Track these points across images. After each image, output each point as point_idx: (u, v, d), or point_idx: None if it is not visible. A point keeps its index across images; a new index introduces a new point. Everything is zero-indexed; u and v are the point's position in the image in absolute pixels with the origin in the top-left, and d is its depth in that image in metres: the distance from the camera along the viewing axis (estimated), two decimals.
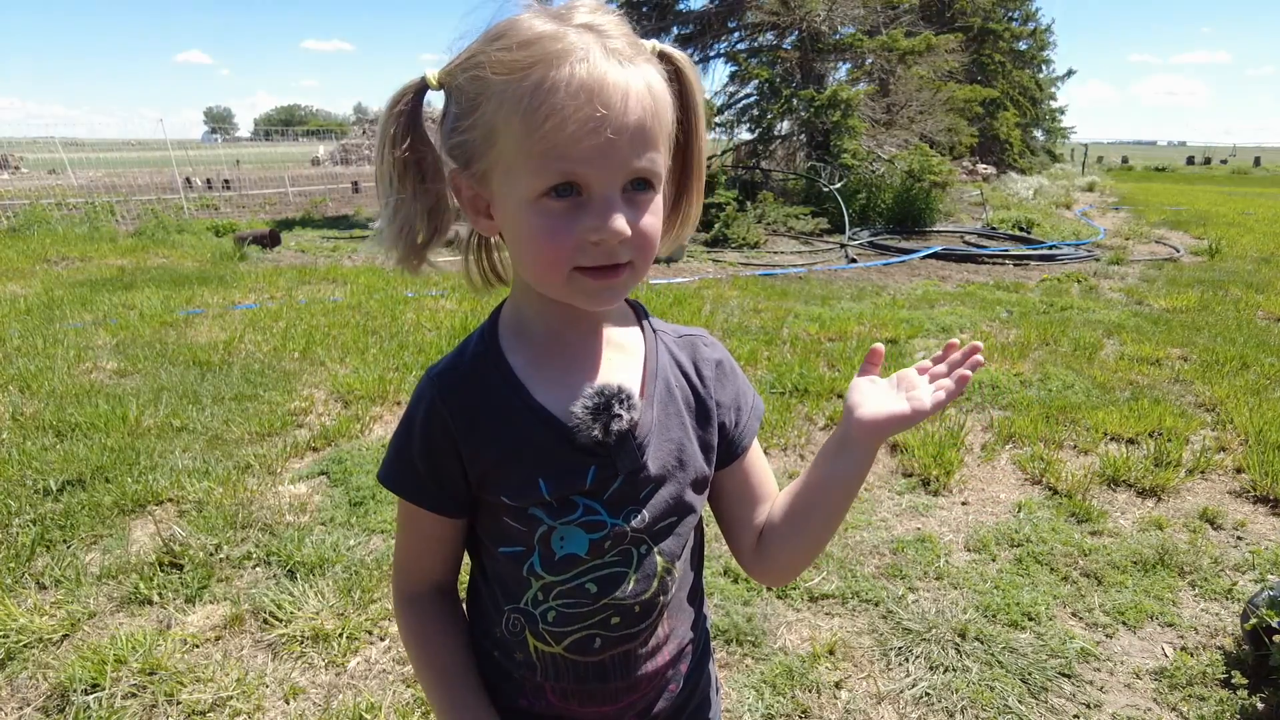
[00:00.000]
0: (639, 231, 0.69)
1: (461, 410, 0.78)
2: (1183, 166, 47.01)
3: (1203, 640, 2.31)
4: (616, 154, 0.66)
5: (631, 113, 0.66)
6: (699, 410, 0.85)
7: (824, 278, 8.17)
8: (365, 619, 2.33)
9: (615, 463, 0.77)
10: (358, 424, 3.81)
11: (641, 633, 0.83)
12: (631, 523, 0.79)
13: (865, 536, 2.87)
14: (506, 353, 0.80)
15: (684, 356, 0.87)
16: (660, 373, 0.83)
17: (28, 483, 3.11)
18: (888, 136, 13.94)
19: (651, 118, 0.68)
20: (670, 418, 0.82)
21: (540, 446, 0.76)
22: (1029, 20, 25.52)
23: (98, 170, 18.57)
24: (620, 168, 0.67)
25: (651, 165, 0.69)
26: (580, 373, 0.79)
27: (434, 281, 7.43)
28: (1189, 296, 7.04)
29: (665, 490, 0.81)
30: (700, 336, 0.90)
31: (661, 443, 0.81)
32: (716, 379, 0.87)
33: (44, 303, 6.26)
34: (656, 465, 0.80)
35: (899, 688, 2.10)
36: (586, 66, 0.65)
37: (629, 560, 0.80)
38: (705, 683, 0.96)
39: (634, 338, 0.85)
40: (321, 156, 33.29)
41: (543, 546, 0.78)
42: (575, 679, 0.83)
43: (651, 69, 0.69)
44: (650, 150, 0.68)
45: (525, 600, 0.80)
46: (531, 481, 0.76)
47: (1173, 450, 3.52)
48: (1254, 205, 17.33)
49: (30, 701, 2.01)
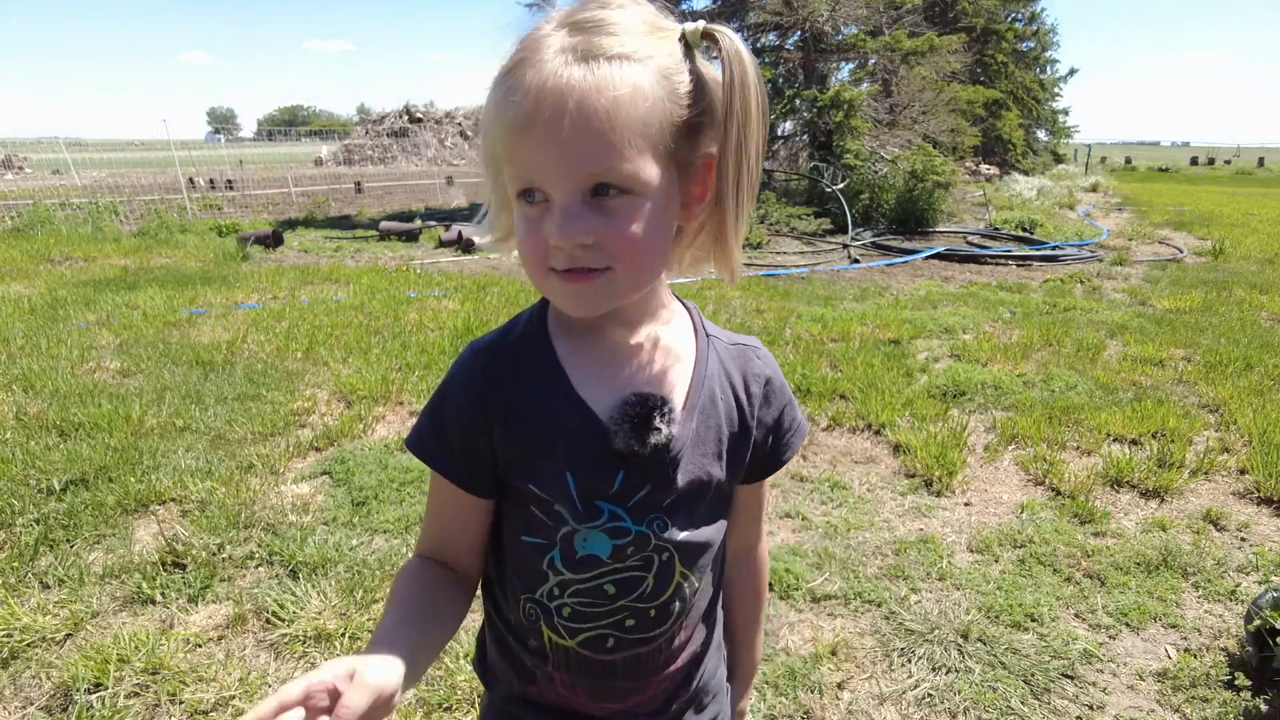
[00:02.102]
0: (615, 238, 0.66)
1: (500, 388, 0.76)
2: (1186, 167, 46.89)
3: (1206, 642, 2.30)
4: (565, 162, 0.64)
5: (576, 118, 0.62)
6: (740, 428, 0.83)
7: (827, 278, 8.17)
8: (368, 619, 2.33)
9: (646, 473, 0.76)
10: (360, 424, 3.81)
11: (656, 638, 0.82)
12: (655, 530, 0.78)
13: (868, 537, 2.87)
14: (553, 338, 0.78)
15: (734, 368, 0.84)
16: (707, 383, 0.81)
17: (31, 482, 3.11)
18: (890, 137, 13.92)
19: (607, 121, 0.63)
20: (708, 431, 0.80)
21: (573, 439, 0.75)
22: (1033, 20, 25.48)
23: (101, 170, 18.63)
24: (570, 176, 0.65)
25: (612, 172, 0.65)
26: (622, 370, 0.77)
27: (436, 282, 7.44)
28: (1192, 297, 7.02)
29: (691, 502, 0.80)
30: (754, 348, 0.87)
31: (694, 456, 0.79)
32: (764, 397, 0.85)
33: (48, 302, 6.27)
34: (685, 478, 0.78)
35: (901, 688, 2.10)
36: (540, 69, 0.63)
37: (649, 566, 0.79)
38: (719, 689, 0.95)
39: (686, 342, 0.82)
40: (324, 157, 33.35)
41: (564, 544, 0.77)
42: (585, 674, 0.82)
43: (637, 67, 0.64)
44: (610, 158, 0.64)
45: (542, 593, 0.79)
46: (560, 475, 0.75)
47: (1176, 451, 3.51)
48: (1258, 206, 17.29)
49: (33, 700, 2.01)
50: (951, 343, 5.46)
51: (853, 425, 3.93)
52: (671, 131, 0.67)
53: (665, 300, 0.82)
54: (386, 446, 3.56)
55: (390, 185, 21.14)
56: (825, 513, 3.07)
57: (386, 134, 33.82)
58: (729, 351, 0.85)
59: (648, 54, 0.65)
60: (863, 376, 4.55)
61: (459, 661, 2.13)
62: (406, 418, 3.98)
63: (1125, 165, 45.28)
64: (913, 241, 10.83)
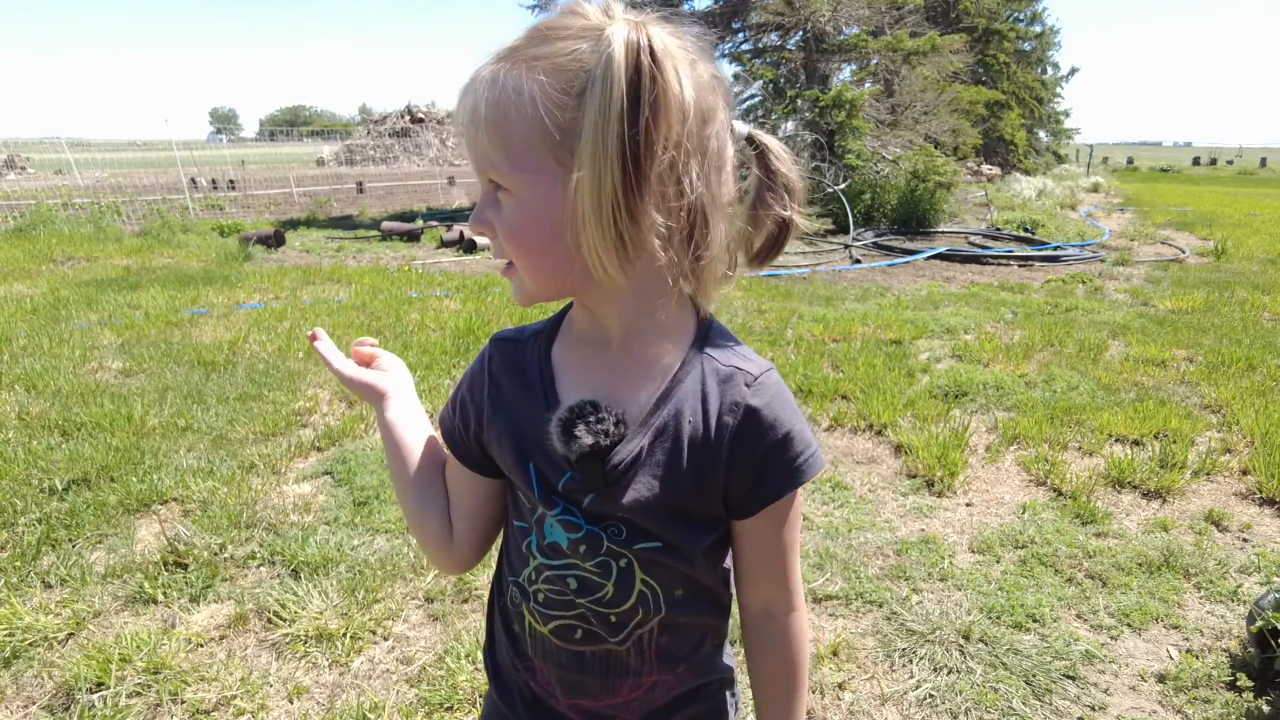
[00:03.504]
0: (501, 233, 0.71)
1: (498, 371, 0.83)
2: (1188, 167, 46.84)
3: (1208, 643, 2.30)
4: (471, 155, 0.70)
5: (470, 113, 0.68)
6: (706, 454, 0.76)
7: (828, 278, 8.17)
8: (369, 619, 2.33)
9: (587, 480, 0.76)
10: (362, 424, 3.81)
11: (622, 640, 0.81)
12: (610, 535, 0.77)
13: (869, 538, 2.87)
14: (558, 338, 0.83)
15: (715, 392, 0.77)
16: (676, 402, 0.77)
17: (33, 482, 3.12)
18: (892, 137, 13.91)
19: (496, 118, 0.66)
20: (667, 453, 0.76)
21: (540, 431, 0.77)
22: (1035, 21, 25.47)
23: (103, 170, 18.63)
24: (477, 170, 0.71)
25: (493, 169, 0.69)
26: (595, 377, 0.79)
27: (438, 282, 7.44)
28: (1195, 298, 7.01)
29: (646, 518, 0.77)
30: (746, 374, 0.77)
31: (645, 475, 0.76)
32: (737, 429, 0.76)
33: (50, 302, 6.28)
34: (634, 495, 0.76)
35: (903, 689, 2.10)
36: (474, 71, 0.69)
37: (608, 572, 0.79)
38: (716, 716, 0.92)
39: (671, 357, 0.78)
40: (326, 157, 33.37)
41: (538, 528, 0.81)
42: (558, 664, 0.84)
43: (525, 71, 0.65)
44: (491, 152, 0.68)
45: (523, 576, 0.84)
46: (524, 463, 0.79)
47: (1178, 452, 3.51)
48: (1260, 206, 17.27)
49: (35, 700, 2.02)
50: (953, 343, 5.45)
51: (854, 425, 3.93)
52: (546, 134, 0.66)
53: (665, 318, 0.77)
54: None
55: (392, 185, 21.16)
56: (827, 513, 3.06)
57: (388, 134, 33.84)
58: (720, 373, 0.77)
59: (565, 55, 0.64)
60: (864, 377, 4.55)
61: (460, 661, 2.13)
62: None
63: (1127, 165, 45.26)
64: (914, 242, 10.82)
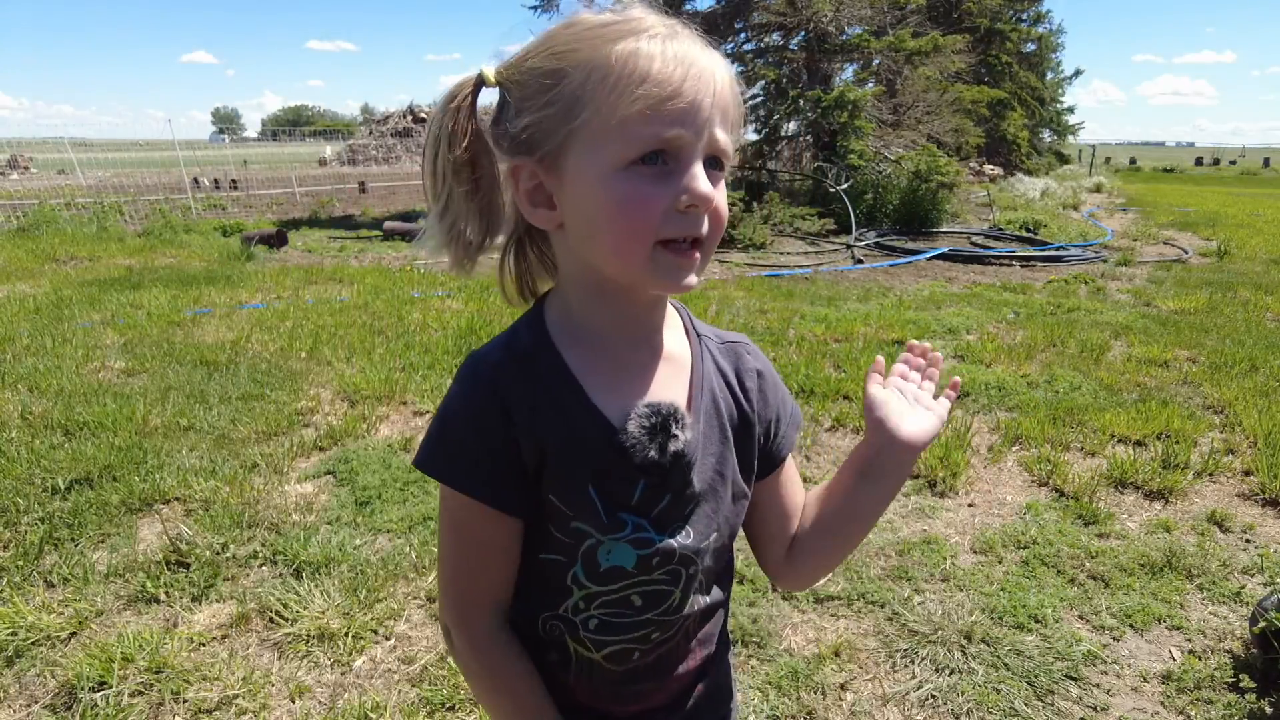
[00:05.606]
0: (716, 209, 0.70)
1: (521, 402, 0.73)
2: (1191, 167, 46.78)
3: (1210, 644, 2.29)
4: (707, 124, 0.67)
5: (721, 85, 0.68)
6: (741, 424, 0.83)
7: (830, 278, 8.16)
8: (371, 618, 2.33)
9: (666, 481, 0.75)
10: (364, 424, 3.82)
11: (679, 644, 0.84)
12: (679, 540, 0.77)
13: (871, 538, 2.87)
14: (559, 348, 0.76)
15: (728, 366, 0.84)
16: (706, 384, 0.81)
17: (36, 481, 3.12)
18: (894, 137, 13.90)
19: (735, 98, 0.70)
20: (713, 431, 0.80)
21: (593, 449, 0.73)
22: (1039, 21, 25.44)
23: (106, 170, 18.66)
24: (709, 139, 0.68)
25: (730, 143, 0.69)
26: (631, 379, 0.77)
27: (440, 281, 7.44)
28: (1197, 298, 7.00)
29: (707, 506, 0.80)
30: (743, 344, 0.88)
31: (705, 458, 0.79)
32: (759, 391, 0.85)
33: (53, 302, 6.30)
34: (701, 482, 0.78)
35: (904, 689, 2.10)
36: (677, 40, 0.67)
37: (676, 580, 0.79)
38: (725, 677, 0.96)
39: (680, 345, 0.82)
40: (328, 157, 33.42)
41: (586, 558, 0.75)
42: (608, 683, 0.82)
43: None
44: (732, 129, 0.69)
45: (565, 608, 0.78)
46: (582, 486, 0.73)
47: (1181, 452, 3.50)
48: (1263, 206, 17.24)
49: (38, 699, 2.02)
50: (955, 343, 5.45)
51: (856, 426, 3.93)
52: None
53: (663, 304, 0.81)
54: (390, 446, 3.56)
55: (394, 185, 21.19)
56: None
57: (390, 134, 33.87)
58: (721, 350, 0.85)
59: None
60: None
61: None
62: (410, 418, 3.98)
63: (1130, 166, 45.22)
64: (917, 242, 10.81)
